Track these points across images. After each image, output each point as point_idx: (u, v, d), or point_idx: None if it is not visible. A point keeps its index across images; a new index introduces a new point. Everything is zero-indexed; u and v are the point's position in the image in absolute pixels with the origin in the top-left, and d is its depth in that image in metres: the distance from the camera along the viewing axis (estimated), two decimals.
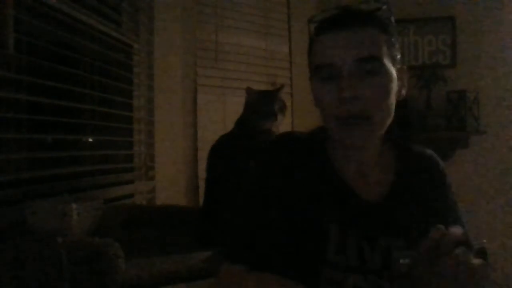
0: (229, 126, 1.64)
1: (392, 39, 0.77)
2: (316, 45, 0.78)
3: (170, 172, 2.02)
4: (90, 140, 1.63)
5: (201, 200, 1.59)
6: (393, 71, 0.76)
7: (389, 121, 0.77)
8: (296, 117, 2.56)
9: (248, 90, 1.60)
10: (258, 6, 2.54)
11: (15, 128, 1.20)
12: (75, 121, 1.50)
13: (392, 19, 0.78)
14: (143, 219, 1.51)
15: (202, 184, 1.59)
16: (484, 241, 0.66)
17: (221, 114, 2.28)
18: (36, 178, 1.24)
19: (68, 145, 1.50)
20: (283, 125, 1.59)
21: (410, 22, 2.92)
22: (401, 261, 0.65)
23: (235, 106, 2.29)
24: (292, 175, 0.80)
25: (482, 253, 0.74)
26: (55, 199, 1.16)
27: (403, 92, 0.81)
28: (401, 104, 0.80)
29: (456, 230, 0.64)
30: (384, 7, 0.76)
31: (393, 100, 0.76)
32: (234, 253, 0.80)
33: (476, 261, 0.61)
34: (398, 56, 0.78)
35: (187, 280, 1.21)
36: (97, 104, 1.58)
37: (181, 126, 2.13)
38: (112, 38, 1.72)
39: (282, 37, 2.64)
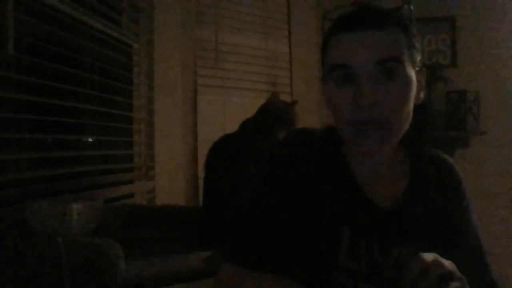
0: (229, 126, 1.63)
1: (413, 40, 0.73)
2: (332, 44, 0.73)
3: (170, 172, 2.02)
4: (90, 140, 1.63)
5: (201, 200, 1.59)
6: (413, 74, 0.73)
7: (406, 126, 0.74)
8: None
9: (275, 94, 1.58)
10: (258, 6, 2.54)
11: (15, 128, 1.19)
12: (75, 121, 1.50)
13: (414, 18, 0.74)
14: (143, 219, 1.51)
15: (202, 184, 1.58)
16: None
17: (221, 114, 2.28)
18: (36, 178, 1.24)
19: (68, 145, 1.50)
20: None
21: None
22: None
23: (235, 106, 2.30)
24: (305, 175, 0.78)
25: None
26: (55, 199, 1.15)
27: (421, 95, 0.77)
28: (420, 108, 0.77)
29: (442, 262, 0.62)
30: (406, 5, 0.73)
31: (411, 105, 0.73)
32: (237, 253, 0.79)
33: None
34: (418, 58, 0.75)
35: (187, 280, 1.21)
36: (97, 104, 1.58)
37: (181, 126, 2.13)
38: (112, 38, 1.72)
39: (282, 37, 2.64)
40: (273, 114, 1.54)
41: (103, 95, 1.61)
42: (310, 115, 1.68)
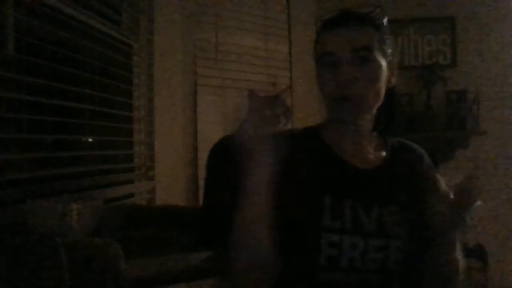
0: (229, 126, 1.63)
1: (384, 37, 0.92)
2: (321, 38, 0.93)
3: (170, 172, 2.02)
4: (90, 140, 1.63)
5: (201, 200, 1.59)
6: (383, 62, 0.91)
7: (377, 102, 0.91)
8: (296, 117, 2.55)
9: (250, 94, 1.57)
10: (258, 7, 2.54)
11: (15, 128, 1.20)
12: (75, 121, 1.50)
13: (385, 20, 0.93)
14: (143, 219, 1.51)
15: (202, 184, 1.58)
16: (479, 202, 0.80)
17: (221, 114, 2.28)
18: (36, 178, 1.24)
19: (68, 145, 1.50)
20: None
21: (410, 22, 2.92)
22: None
23: (235, 106, 2.30)
24: (290, 157, 0.87)
25: (481, 252, 0.75)
26: (55, 199, 1.15)
27: (392, 80, 0.95)
28: (389, 93, 0.94)
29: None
30: (377, 10, 0.93)
31: (382, 85, 0.91)
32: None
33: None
34: (389, 51, 0.93)
35: (187, 280, 1.21)
36: (97, 104, 1.58)
37: (181, 126, 2.13)
38: (112, 38, 1.72)
39: (282, 37, 2.64)
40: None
41: (103, 95, 1.61)
42: (310, 115, 1.68)
